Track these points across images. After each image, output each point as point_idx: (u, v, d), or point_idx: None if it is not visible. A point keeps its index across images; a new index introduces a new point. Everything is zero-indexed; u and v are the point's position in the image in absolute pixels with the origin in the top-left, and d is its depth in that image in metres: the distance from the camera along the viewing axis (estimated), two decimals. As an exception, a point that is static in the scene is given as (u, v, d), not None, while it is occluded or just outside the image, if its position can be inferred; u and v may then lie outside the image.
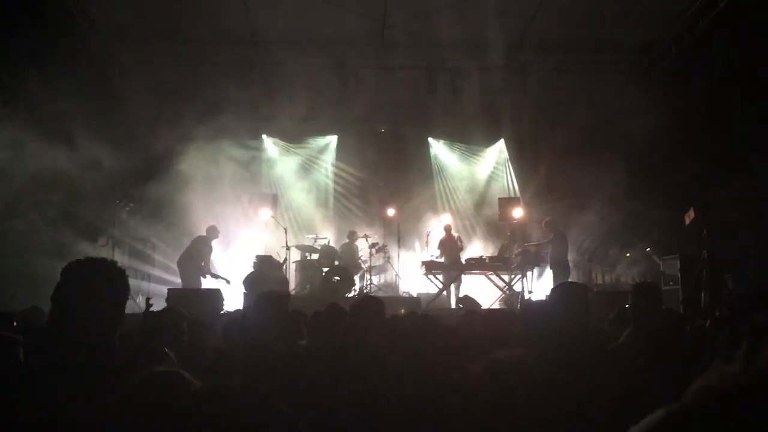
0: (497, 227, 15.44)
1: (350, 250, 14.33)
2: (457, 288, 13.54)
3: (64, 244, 11.32)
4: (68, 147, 10.81)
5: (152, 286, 12.96)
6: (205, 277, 12.81)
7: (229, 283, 12.58)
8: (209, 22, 12.94)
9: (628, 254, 14.36)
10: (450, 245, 14.12)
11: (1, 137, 9.48)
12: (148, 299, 8.67)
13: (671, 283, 11.42)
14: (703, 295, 10.01)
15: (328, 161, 17.27)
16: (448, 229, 14.56)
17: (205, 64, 13.97)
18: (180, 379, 1.95)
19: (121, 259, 12.47)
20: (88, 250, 11.89)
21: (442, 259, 13.67)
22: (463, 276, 13.54)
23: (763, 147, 11.22)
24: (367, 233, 14.66)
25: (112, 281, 2.54)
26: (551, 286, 12.65)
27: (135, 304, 11.44)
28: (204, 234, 13.13)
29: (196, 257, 12.78)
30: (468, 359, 3.05)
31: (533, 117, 15.75)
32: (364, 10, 12.53)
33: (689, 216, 10.78)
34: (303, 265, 14.06)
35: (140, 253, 13.03)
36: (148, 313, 6.01)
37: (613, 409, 2.46)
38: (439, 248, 14.03)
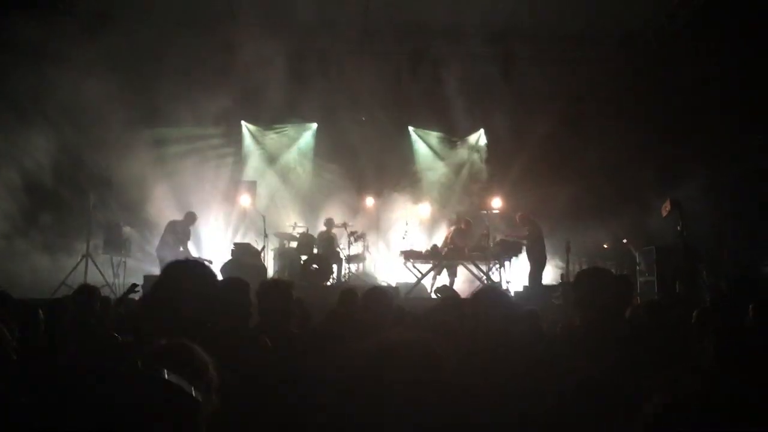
0: (476, 217, 15.46)
1: (328, 238, 14.28)
2: (453, 276, 13.51)
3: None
4: (44, 131, 10.64)
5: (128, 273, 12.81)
6: None
7: (211, 263, 12.48)
8: (189, 4, 12.76)
9: (605, 245, 14.47)
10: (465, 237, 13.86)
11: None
12: (133, 285, 8.62)
13: (647, 273, 11.52)
14: (678, 285, 10.11)
15: (307, 149, 17.17)
16: (467, 223, 14.26)
17: (185, 47, 13.76)
18: None
19: (94, 245, 12.32)
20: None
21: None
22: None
23: (740, 138, 11.36)
24: (346, 222, 14.61)
25: (206, 279, 2.84)
26: (528, 276, 12.78)
27: (111, 293, 11.32)
28: (178, 219, 12.99)
29: (171, 242, 12.67)
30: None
31: (514, 107, 15.77)
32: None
33: (666, 208, 10.86)
34: (281, 252, 14.00)
35: (115, 241, 12.86)
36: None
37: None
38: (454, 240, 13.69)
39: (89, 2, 12.76)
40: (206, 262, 12.44)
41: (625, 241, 13.06)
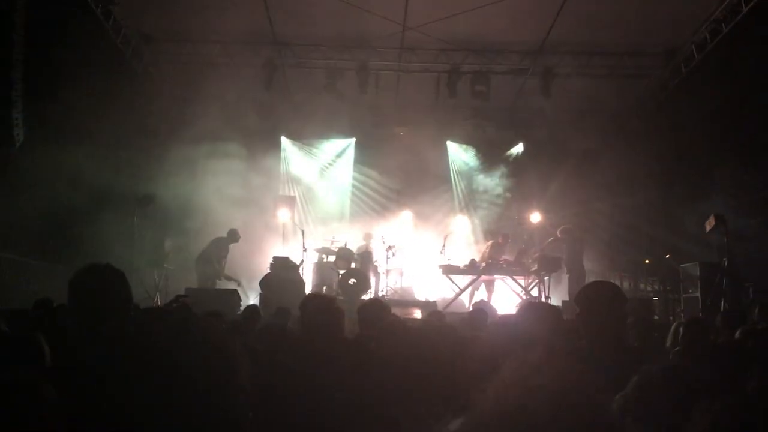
0: (515, 231, 15.36)
1: (366, 252, 14.34)
2: (490, 291, 13.46)
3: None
4: (90, 147, 10.89)
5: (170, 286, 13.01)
6: (220, 279, 12.92)
7: (240, 285, 12.68)
8: (232, 23, 12.99)
9: (647, 261, 14.23)
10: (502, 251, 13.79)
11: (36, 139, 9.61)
12: (178, 296, 8.83)
13: (690, 290, 11.29)
14: (723, 302, 9.89)
15: (346, 163, 17.30)
16: (505, 237, 14.14)
17: (227, 65, 14.04)
18: None
19: (139, 259, 12.56)
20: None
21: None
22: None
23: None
24: (383, 236, 14.65)
25: (114, 284, 2.78)
26: (568, 291, 12.62)
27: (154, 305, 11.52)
28: (224, 236, 13.22)
29: (213, 258, 12.88)
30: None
31: (553, 121, 15.67)
32: (385, 13, 12.52)
33: (710, 223, 10.66)
34: (319, 267, 14.09)
35: (157, 255, 13.08)
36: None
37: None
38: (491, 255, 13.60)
39: (133, 23, 13.08)
40: (236, 283, 12.69)
41: (668, 256, 12.82)
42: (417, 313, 11.37)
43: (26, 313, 6.35)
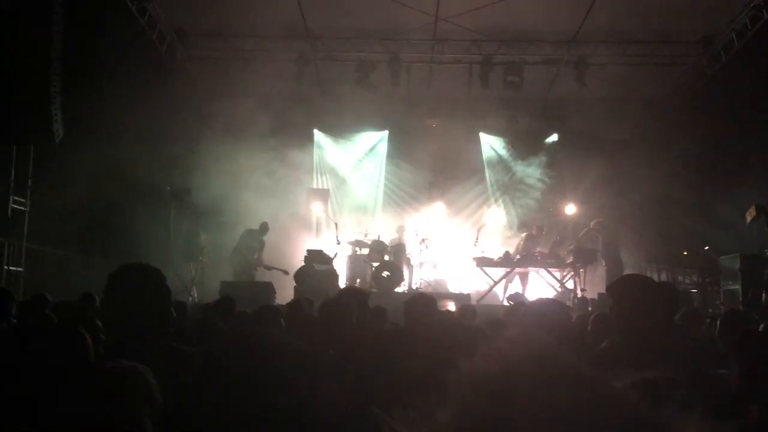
0: (550, 223, 15.22)
1: (399, 245, 14.31)
2: (525, 284, 13.39)
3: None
4: (127, 142, 11.06)
5: (206, 279, 13.18)
6: (256, 270, 13.03)
7: (287, 273, 12.76)
8: (264, 18, 13.07)
9: (685, 252, 13.99)
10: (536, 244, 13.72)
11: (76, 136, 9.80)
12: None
13: (731, 282, 11.07)
14: (764, 294, 9.68)
15: (379, 156, 17.29)
16: (539, 229, 14.08)
17: (260, 59, 14.11)
18: None
19: (175, 252, 12.76)
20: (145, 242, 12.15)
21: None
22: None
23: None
24: (417, 228, 14.62)
25: (154, 284, 2.72)
26: (605, 283, 12.46)
27: (191, 298, 11.73)
28: (254, 228, 13.33)
29: (244, 250, 13.00)
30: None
31: (587, 111, 15.43)
32: (417, 4, 12.45)
33: (750, 213, 10.44)
34: (353, 259, 14.11)
35: (193, 248, 13.23)
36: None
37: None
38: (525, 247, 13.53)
39: (167, 19, 13.23)
40: (282, 272, 12.80)
41: (706, 248, 12.59)
42: (451, 306, 11.34)
43: (70, 305, 6.44)
